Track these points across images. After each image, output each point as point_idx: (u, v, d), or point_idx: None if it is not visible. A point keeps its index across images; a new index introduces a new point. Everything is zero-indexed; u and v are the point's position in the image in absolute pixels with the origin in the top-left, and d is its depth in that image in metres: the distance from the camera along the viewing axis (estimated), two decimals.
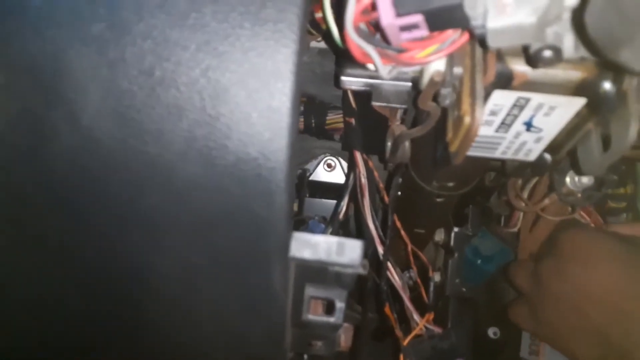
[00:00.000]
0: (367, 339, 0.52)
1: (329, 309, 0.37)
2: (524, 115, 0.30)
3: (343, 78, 0.43)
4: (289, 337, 0.35)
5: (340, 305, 0.35)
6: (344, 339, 0.38)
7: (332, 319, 0.35)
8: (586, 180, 0.44)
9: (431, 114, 0.34)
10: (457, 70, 0.28)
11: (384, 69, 0.29)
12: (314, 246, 0.28)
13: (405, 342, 0.47)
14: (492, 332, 0.63)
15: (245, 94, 0.23)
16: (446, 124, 0.32)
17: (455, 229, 0.60)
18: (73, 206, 0.26)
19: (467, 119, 0.27)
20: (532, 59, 0.24)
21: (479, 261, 0.55)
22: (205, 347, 0.33)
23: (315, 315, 0.35)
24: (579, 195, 0.45)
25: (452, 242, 0.59)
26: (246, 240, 0.25)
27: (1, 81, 0.24)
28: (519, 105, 0.29)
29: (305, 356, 0.53)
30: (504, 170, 0.49)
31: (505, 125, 0.31)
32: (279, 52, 0.24)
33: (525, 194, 0.52)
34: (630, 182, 0.56)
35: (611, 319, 0.40)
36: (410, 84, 0.42)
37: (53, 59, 0.23)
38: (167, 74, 0.23)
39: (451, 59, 0.29)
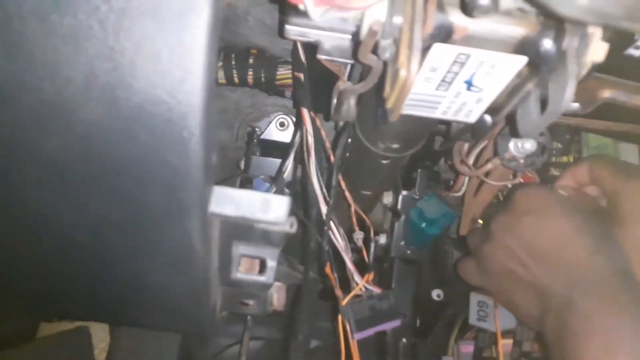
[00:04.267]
0: (308, 299, 0.52)
1: (262, 268, 0.36)
2: (465, 73, 0.29)
3: (287, 27, 0.40)
4: (216, 295, 0.34)
5: (271, 264, 0.34)
6: (277, 298, 0.38)
7: (262, 278, 0.34)
8: (529, 145, 0.44)
9: (373, 69, 0.33)
10: (397, 19, 0.26)
11: (315, 11, 0.27)
12: (237, 202, 0.26)
13: (344, 302, 0.47)
14: (435, 294, 0.65)
15: (154, 26, 0.20)
16: (385, 79, 0.30)
17: (404, 192, 0.60)
18: None
19: (402, 72, 0.25)
20: (468, 6, 0.22)
21: (423, 224, 0.55)
22: (127, 301, 0.32)
23: (246, 274, 0.34)
24: (522, 160, 0.45)
25: (399, 205, 0.60)
26: (159, 192, 0.23)
27: None
28: (460, 62, 0.28)
29: (249, 318, 0.53)
30: (448, 134, 0.48)
31: (445, 83, 0.29)
32: None
33: (471, 160, 0.52)
34: (574, 151, 0.57)
35: (555, 272, 0.41)
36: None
37: None
38: None
39: (392, 8, 0.27)
